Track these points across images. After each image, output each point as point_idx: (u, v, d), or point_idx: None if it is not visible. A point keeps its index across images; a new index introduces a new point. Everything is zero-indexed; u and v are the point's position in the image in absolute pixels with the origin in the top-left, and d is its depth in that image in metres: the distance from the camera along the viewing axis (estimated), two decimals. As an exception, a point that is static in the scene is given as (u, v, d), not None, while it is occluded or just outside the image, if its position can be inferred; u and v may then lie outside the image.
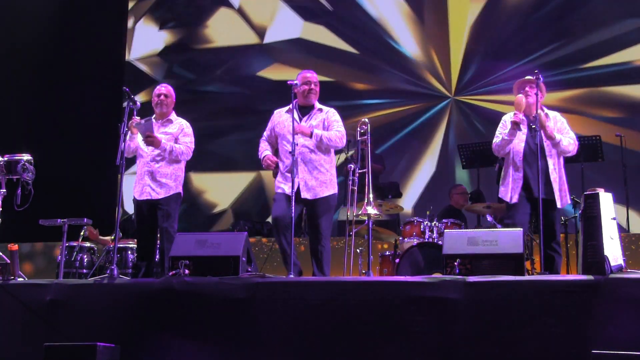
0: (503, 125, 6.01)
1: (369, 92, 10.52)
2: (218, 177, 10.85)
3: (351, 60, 10.61)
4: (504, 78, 9.88)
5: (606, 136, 8.04)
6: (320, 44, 10.72)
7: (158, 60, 11.36)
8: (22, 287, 5.25)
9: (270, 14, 11.02)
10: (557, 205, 5.79)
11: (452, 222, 7.08)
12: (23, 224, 6.66)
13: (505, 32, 10.12)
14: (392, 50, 10.44)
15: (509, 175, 5.93)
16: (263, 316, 4.73)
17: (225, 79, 11.13)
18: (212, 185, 10.84)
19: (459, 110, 10.17)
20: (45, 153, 6.98)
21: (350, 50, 10.64)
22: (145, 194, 6.16)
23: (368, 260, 5.87)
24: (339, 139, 5.87)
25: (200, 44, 11.30)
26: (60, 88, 10.51)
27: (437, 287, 4.54)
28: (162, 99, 6.32)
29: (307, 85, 5.92)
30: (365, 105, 10.35)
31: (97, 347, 4.48)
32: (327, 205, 5.84)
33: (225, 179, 10.81)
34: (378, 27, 10.54)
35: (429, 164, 10.16)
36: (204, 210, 10.78)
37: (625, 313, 4.21)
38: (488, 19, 10.19)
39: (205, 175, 10.79)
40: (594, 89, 9.64)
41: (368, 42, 10.60)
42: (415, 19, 10.44)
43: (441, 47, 10.31)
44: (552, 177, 5.78)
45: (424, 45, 10.38)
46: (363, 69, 10.56)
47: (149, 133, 6.01)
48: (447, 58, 10.27)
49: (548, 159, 5.81)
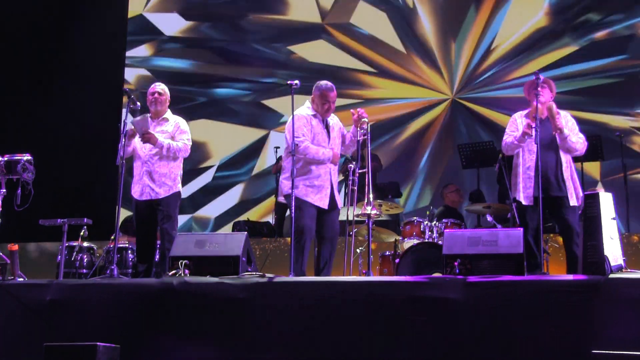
0: (513, 123, 5.97)
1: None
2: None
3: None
4: (504, 78, 9.90)
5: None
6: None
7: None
8: (22, 287, 5.25)
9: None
10: (571, 203, 5.73)
11: (452, 222, 7.08)
12: (23, 224, 6.66)
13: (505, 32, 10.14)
14: (392, 49, 10.45)
15: (519, 174, 5.89)
16: (263, 316, 4.73)
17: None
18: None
19: (459, 110, 10.17)
20: (45, 153, 6.98)
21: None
22: (145, 194, 6.17)
23: (368, 260, 5.87)
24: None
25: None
26: (60, 88, 10.51)
27: (437, 287, 4.54)
28: (156, 97, 6.31)
29: (327, 103, 5.97)
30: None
31: (97, 347, 4.48)
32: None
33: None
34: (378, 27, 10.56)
35: (429, 163, 10.16)
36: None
37: (625, 313, 4.21)
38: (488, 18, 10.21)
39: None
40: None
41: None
42: (417, 18, 10.44)
43: (442, 47, 10.31)
44: (565, 175, 5.77)
45: (424, 44, 10.38)
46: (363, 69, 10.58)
47: (145, 129, 6.01)
48: (447, 58, 10.28)
49: (560, 156, 5.79)
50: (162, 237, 6.16)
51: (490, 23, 10.16)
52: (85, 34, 10.60)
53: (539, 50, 9.84)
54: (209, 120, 10.68)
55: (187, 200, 9.87)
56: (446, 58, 10.29)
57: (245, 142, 10.58)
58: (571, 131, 5.85)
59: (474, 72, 10.14)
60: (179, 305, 4.88)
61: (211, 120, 10.69)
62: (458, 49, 10.21)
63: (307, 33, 10.65)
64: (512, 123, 6.00)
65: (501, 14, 10.12)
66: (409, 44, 10.36)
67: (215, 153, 10.65)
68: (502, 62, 10.03)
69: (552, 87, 5.93)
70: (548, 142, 5.79)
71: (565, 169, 5.77)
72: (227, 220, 10.33)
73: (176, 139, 6.26)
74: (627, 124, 9.36)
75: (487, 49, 10.13)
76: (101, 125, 10.13)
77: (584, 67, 9.69)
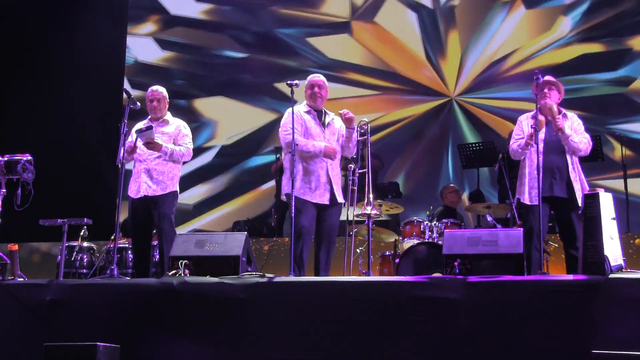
0: (519, 126, 5.94)
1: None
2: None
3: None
4: (504, 78, 9.90)
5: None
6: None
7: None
8: (22, 287, 5.25)
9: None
10: (578, 204, 5.62)
11: (452, 222, 7.09)
12: (23, 224, 6.66)
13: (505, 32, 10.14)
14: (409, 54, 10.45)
15: (525, 175, 5.86)
16: (263, 316, 4.73)
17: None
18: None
19: (459, 110, 10.17)
20: (45, 153, 6.98)
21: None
22: (142, 191, 6.15)
23: (368, 260, 5.87)
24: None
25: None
26: (60, 88, 10.50)
27: (437, 287, 4.54)
28: (154, 105, 6.30)
29: (310, 89, 5.99)
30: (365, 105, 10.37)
31: (97, 347, 4.48)
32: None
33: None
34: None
35: (429, 164, 10.16)
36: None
37: (625, 313, 4.21)
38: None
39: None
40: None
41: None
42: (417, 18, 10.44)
43: (442, 47, 10.31)
44: (572, 176, 5.75)
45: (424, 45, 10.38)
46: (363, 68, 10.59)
47: (150, 139, 6.01)
48: (447, 58, 10.28)
49: (567, 157, 5.78)
50: (160, 236, 6.15)
51: (499, 31, 10.15)
52: (85, 34, 10.60)
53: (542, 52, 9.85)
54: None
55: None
56: (447, 58, 10.30)
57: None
58: (575, 131, 5.84)
59: (474, 72, 10.15)
60: (179, 305, 4.88)
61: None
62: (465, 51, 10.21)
63: (332, 27, 10.66)
64: (518, 126, 5.97)
65: (510, 24, 10.12)
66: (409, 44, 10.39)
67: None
68: (502, 62, 10.03)
69: (560, 88, 5.92)
70: (555, 142, 5.78)
71: (572, 170, 5.76)
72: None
73: (178, 142, 6.26)
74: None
75: (490, 50, 10.15)
76: (101, 125, 10.13)
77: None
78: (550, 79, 5.92)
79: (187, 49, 11.06)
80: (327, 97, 6.10)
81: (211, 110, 10.89)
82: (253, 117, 10.69)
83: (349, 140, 5.98)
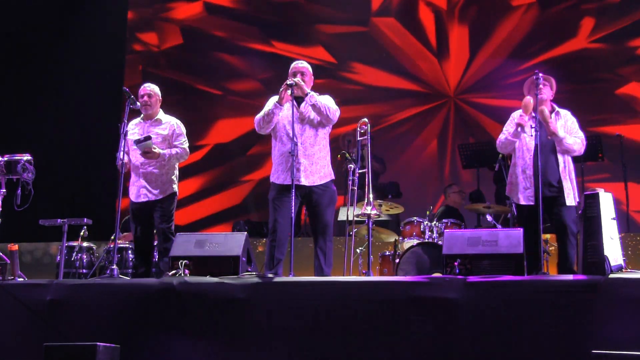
0: (511, 122, 5.94)
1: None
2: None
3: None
4: (504, 78, 9.89)
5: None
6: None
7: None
8: (22, 287, 5.25)
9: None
10: (567, 203, 5.67)
11: (452, 222, 7.08)
12: (23, 224, 6.66)
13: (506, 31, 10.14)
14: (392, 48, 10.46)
15: (518, 174, 5.85)
16: (263, 316, 4.73)
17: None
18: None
19: (459, 110, 10.17)
20: (45, 153, 6.98)
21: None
22: (142, 196, 6.16)
23: (368, 260, 5.87)
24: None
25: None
26: (60, 88, 10.50)
27: (437, 287, 4.54)
28: (145, 100, 6.26)
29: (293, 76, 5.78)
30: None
31: (97, 347, 4.48)
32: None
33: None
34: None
35: (429, 163, 10.16)
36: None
37: (625, 313, 4.21)
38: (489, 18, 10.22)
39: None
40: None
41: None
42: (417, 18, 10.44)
43: (442, 47, 10.31)
44: (563, 176, 5.75)
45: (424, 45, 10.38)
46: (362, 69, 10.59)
47: (148, 149, 6.00)
48: (447, 57, 10.28)
49: (558, 156, 5.78)
50: (160, 237, 6.16)
51: (503, 35, 10.17)
52: (85, 34, 10.60)
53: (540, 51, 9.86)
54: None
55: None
56: (447, 58, 10.30)
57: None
58: (569, 131, 5.83)
59: (474, 72, 10.15)
60: (179, 305, 4.88)
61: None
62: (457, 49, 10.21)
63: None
64: (510, 121, 5.97)
65: (518, 32, 10.11)
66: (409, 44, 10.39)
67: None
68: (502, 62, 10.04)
69: (553, 84, 5.90)
70: (545, 141, 5.77)
71: (562, 170, 5.76)
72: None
73: (173, 142, 6.25)
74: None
75: (490, 51, 10.16)
76: (101, 126, 10.13)
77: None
78: (543, 76, 5.87)
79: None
80: (311, 83, 5.92)
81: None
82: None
83: (314, 108, 5.68)
